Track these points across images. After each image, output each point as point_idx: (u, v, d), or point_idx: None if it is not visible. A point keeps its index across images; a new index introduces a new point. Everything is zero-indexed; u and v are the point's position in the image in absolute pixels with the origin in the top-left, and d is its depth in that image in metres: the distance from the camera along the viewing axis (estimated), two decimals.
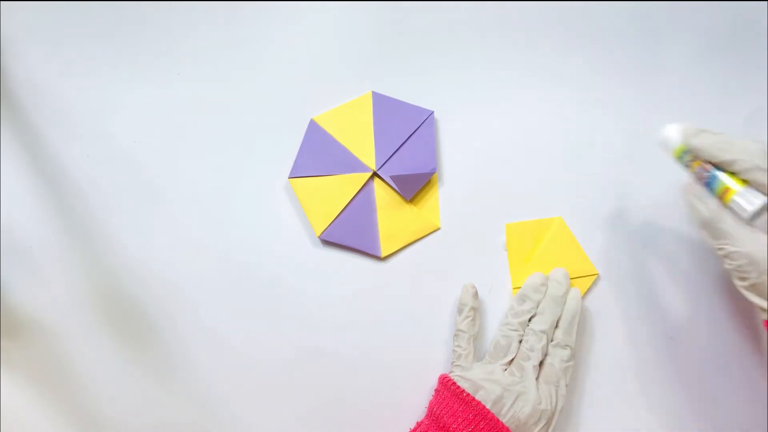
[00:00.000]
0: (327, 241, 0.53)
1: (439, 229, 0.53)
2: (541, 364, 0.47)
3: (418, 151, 0.53)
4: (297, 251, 0.53)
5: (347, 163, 0.53)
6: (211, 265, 0.52)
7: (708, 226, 0.43)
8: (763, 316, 0.42)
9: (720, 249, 0.42)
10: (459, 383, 0.47)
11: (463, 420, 0.45)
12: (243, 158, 0.54)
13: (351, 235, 0.52)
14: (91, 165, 0.53)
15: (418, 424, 0.47)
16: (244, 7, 0.56)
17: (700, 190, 0.44)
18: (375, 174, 0.53)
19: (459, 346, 0.49)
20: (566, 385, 0.47)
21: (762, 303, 0.41)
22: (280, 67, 0.56)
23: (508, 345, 0.48)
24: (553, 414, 0.46)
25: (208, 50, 0.56)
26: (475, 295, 0.50)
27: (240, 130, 0.55)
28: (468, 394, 0.45)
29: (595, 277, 0.52)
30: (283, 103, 0.55)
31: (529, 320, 0.49)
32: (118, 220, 0.53)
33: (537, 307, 0.49)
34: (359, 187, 0.52)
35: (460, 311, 0.50)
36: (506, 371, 0.47)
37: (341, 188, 0.52)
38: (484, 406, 0.45)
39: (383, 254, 0.52)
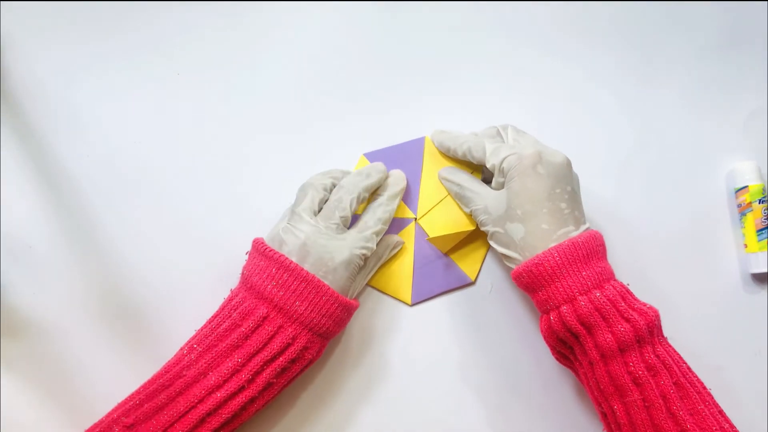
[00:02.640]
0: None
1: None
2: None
3: None
4: None
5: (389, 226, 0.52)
6: (212, 265, 0.52)
7: (459, 197, 0.50)
8: (510, 266, 0.46)
9: (471, 212, 0.49)
10: (266, 242, 0.46)
11: (267, 275, 0.45)
12: (243, 158, 0.54)
13: (435, 283, 0.52)
14: (90, 165, 0.53)
15: (232, 291, 0.47)
16: (244, 8, 0.56)
17: (449, 169, 0.52)
18: (416, 220, 0.53)
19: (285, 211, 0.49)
20: (376, 233, 0.48)
21: (504, 251, 0.46)
22: (280, 68, 0.56)
23: (310, 197, 0.47)
24: (358, 259, 0.46)
25: (208, 50, 0.56)
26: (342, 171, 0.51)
27: (240, 130, 0.55)
28: (270, 249, 0.45)
29: (469, 230, 0.52)
30: (283, 104, 0.55)
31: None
32: (118, 219, 0.53)
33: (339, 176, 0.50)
34: (413, 240, 0.52)
35: (326, 172, 0.50)
36: (308, 220, 0.46)
37: (400, 250, 0.52)
38: (286, 258, 0.44)
39: (473, 277, 0.52)
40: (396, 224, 0.53)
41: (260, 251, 0.46)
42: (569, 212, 0.45)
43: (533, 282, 0.44)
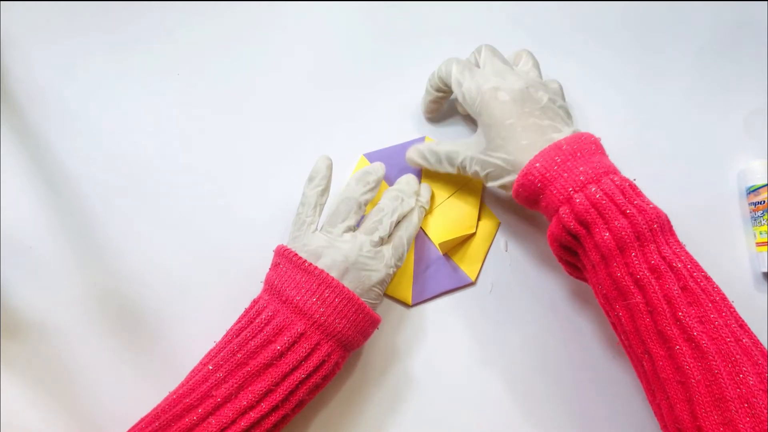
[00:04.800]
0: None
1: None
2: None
3: None
4: None
5: None
6: (212, 266, 0.52)
7: (441, 161, 0.49)
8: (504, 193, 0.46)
9: (460, 167, 0.48)
10: (299, 253, 0.45)
11: (307, 290, 0.43)
12: (243, 158, 0.54)
13: (436, 283, 0.52)
14: (90, 165, 0.53)
15: (255, 302, 0.45)
16: (245, 8, 0.56)
17: (418, 145, 0.51)
18: None
19: (304, 213, 0.47)
20: (407, 249, 0.48)
21: (501, 183, 0.46)
22: (280, 67, 0.56)
23: (348, 211, 0.46)
24: (389, 278, 0.46)
25: (208, 50, 0.56)
26: (330, 166, 0.48)
27: (240, 130, 0.55)
28: (309, 263, 0.44)
29: (471, 233, 0.52)
30: (283, 104, 0.55)
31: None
32: (118, 220, 0.53)
33: (374, 186, 0.48)
34: (413, 240, 0.52)
35: (311, 179, 0.48)
36: (348, 237, 0.45)
37: None
38: (328, 274, 0.43)
39: (473, 277, 0.52)
40: None
41: (297, 264, 0.44)
42: (548, 123, 0.44)
43: (531, 194, 0.44)
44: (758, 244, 0.52)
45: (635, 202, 0.41)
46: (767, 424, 0.35)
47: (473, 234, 0.52)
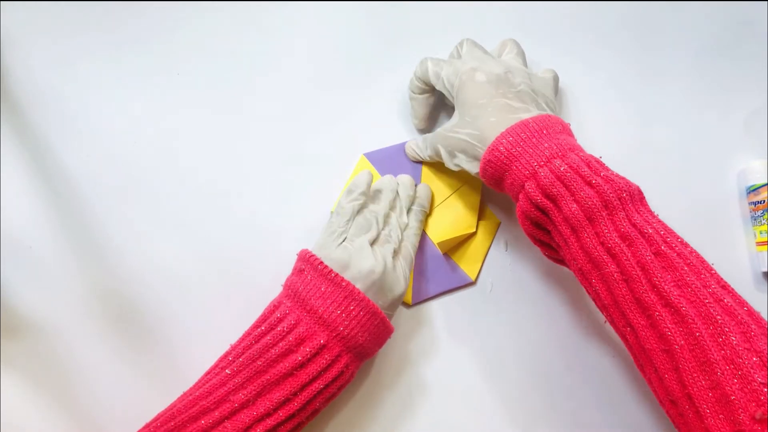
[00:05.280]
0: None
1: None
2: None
3: None
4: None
5: None
6: (212, 266, 0.52)
7: (439, 154, 0.48)
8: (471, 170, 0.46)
9: (445, 158, 0.48)
10: (325, 261, 0.44)
11: (333, 302, 0.43)
12: (243, 158, 0.54)
13: (436, 283, 0.52)
14: (90, 165, 0.53)
15: (276, 306, 0.45)
16: (245, 8, 0.56)
17: (414, 141, 0.52)
18: None
19: (336, 224, 0.47)
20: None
21: (468, 160, 0.45)
22: (280, 67, 0.55)
23: (369, 227, 0.47)
24: (406, 291, 0.47)
25: (208, 50, 0.56)
26: (370, 183, 0.49)
27: (240, 130, 0.55)
28: (336, 274, 0.43)
29: (471, 232, 0.52)
30: (283, 104, 0.55)
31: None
32: (117, 220, 0.53)
33: (389, 200, 0.49)
34: None
35: (349, 192, 0.48)
36: (370, 251, 0.45)
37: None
38: (354, 287, 0.43)
39: (473, 277, 0.52)
40: None
41: (323, 273, 0.44)
42: (520, 106, 0.44)
43: (497, 171, 0.43)
44: (758, 244, 0.52)
45: (602, 173, 0.40)
46: (755, 382, 0.34)
47: (473, 233, 0.52)
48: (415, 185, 0.52)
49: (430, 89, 0.51)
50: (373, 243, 0.46)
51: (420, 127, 0.54)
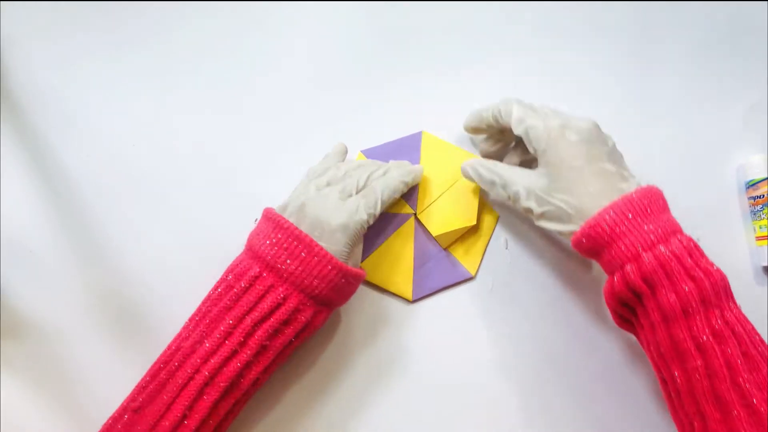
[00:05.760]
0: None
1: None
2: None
3: None
4: None
5: (388, 221, 0.52)
6: (212, 265, 0.52)
7: (493, 184, 0.48)
8: (565, 239, 0.45)
9: (513, 196, 0.46)
10: (275, 209, 0.46)
11: (264, 235, 0.44)
12: (243, 158, 0.54)
13: (436, 279, 0.52)
14: (90, 167, 0.53)
15: (237, 258, 0.46)
16: (245, 10, 0.56)
17: (478, 160, 0.49)
18: (415, 216, 0.52)
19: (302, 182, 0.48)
20: (382, 201, 0.47)
21: (558, 227, 0.44)
22: (280, 67, 0.56)
23: (325, 169, 0.48)
24: (359, 224, 0.45)
25: (208, 50, 0.56)
26: (344, 152, 0.51)
27: (240, 132, 0.55)
28: (272, 211, 0.46)
29: (472, 225, 0.51)
30: (283, 104, 0.55)
31: None
32: (117, 221, 0.53)
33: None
34: (412, 235, 0.52)
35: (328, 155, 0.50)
36: (317, 189, 0.46)
37: (400, 246, 0.52)
38: (282, 218, 0.44)
39: (473, 272, 0.52)
40: (395, 220, 0.52)
41: (264, 215, 0.46)
42: (615, 170, 0.43)
43: (594, 246, 0.42)
44: (758, 239, 0.52)
45: (702, 264, 0.40)
46: None
47: (474, 226, 0.52)
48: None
49: (495, 130, 0.50)
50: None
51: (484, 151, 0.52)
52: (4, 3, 0.55)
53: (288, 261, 0.43)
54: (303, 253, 0.43)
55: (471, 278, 0.52)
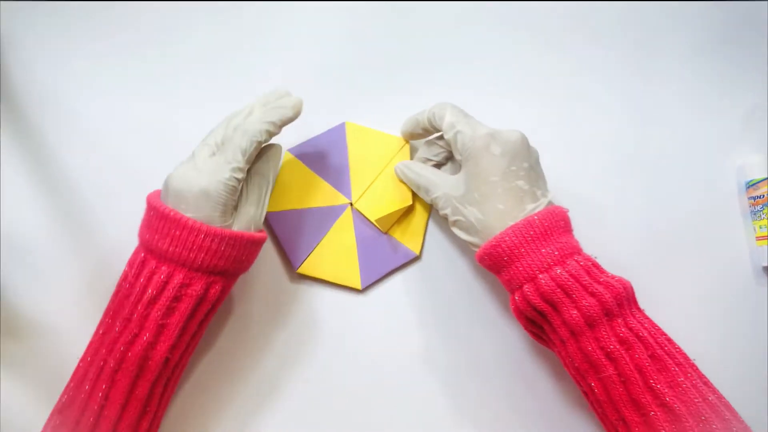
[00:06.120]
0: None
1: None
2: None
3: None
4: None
5: (325, 215, 0.52)
6: None
7: (418, 186, 0.49)
8: (473, 249, 0.46)
9: (432, 201, 0.48)
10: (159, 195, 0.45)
11: (142, 220, 0.44)
12: None
13: (382, 263, 0.52)
14: (90, 166, 0.53)
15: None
16: (243, 12, 0.56)
17: (405, 162, 0.51)
18: (351, 205, 0.52)
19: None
20: (243, 150, 0.43)
21: (466, 237, 0.46)
22: (280, 72, 0.56)
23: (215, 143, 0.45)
24: (222, 185, 0.43)
25: (209, 52, 0.56)
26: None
27: None
28: (149, 195, 0.44)
29: (408, 205, 0.51)
30: None
31: None
32: (117, 221, 0.52)
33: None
34: (352, 225, 0.52)
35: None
36: (186, 162, 0.45)
37: (341, 238, 0.52)
38: (150, 196, 0.44)
39: (417, 251, 0.52)
40: (332, 212, 0.52)
41: (148, 201, 0.45)
42: (527, 189, 0.44)
43: (495, 263, 0.44)
44: (758, 239, 0.52)
45: (601, 280, 0.42)
46: None
47: (411, 206, 0.52)
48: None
49: (431, 133, 0.51)
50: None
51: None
52: (4, 3, 0.55)
53: (161, 241, 0.42)
54: (173, 230, 0.42)
55: (417, 257, 0.52)
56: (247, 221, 0.45)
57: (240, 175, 0.43)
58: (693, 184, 0.55)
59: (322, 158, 0.53)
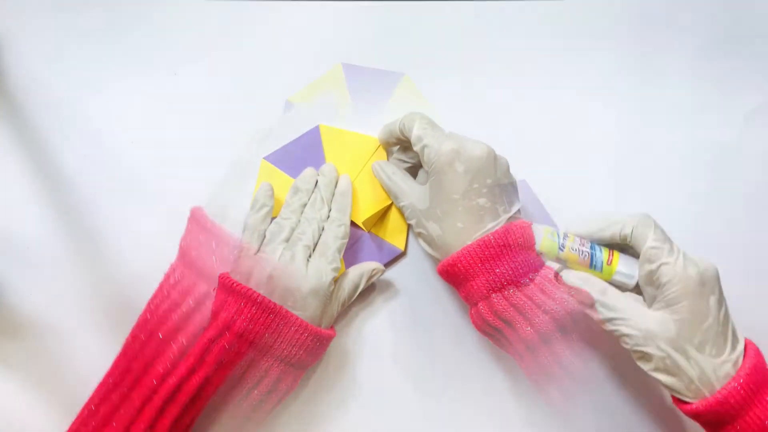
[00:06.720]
0: None
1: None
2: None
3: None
4: None
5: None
6: None
7: (389, 190, 0.50)
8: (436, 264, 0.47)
9: (400, 208, 0.49)
10: (233, 277, 0.45)
11: (237, 311, 0.44)
12: (239, 156, 0.54)
13: (368, 261, 0.51)
14: (88, 165, 0.53)
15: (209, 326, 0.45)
16: (242, 8, 0.56)
17: (383, 162, 0.50)
18: None
19: (245, 239, 0.47)
20: (341, 259, 0.47)
21: (429, 251, 0.47)
22: (280, 69, 0.56)
23: (280, 231, 0.47)
24: (328, 286, 0.46)
25: (205, 49, 0.56)
26: (269, 195, 0.49)
27: (239, 131, 0.54)
28: (237, 283, 0.45)
29: (390, 203, 0.51)
30: (279, 100, 0.55)
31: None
32: (116, 219, 0.53)
33: (309, 197, 0.49)
34: None
35: (251, 207, 0.49)
36: (279, 255, 0.46)
37: None
38: (253, 291, 0.44)
39: (402, 247, 0.52)
40: None
41: (227, 286, 0.45)
42: (489, 206, 0.45)
43: (453, 280, 0.46)
44: None
45: (556, 296, 0.43)
46: None
47: (391, 204, 0.52)
48: (337, 173, 0.51)
49: (404, 141, 0.50)
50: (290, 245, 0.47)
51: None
52: (3, 2, 0.55)
53: (267, 335, 0.44)
54: (280, 325, 0.44)
55: (402, 254, 0.52)
56: (328, 318, 0.47)
57: (337, 273, 0.47)
58: (693, 183, 0.54)
59: (299, 163, 0.52)
